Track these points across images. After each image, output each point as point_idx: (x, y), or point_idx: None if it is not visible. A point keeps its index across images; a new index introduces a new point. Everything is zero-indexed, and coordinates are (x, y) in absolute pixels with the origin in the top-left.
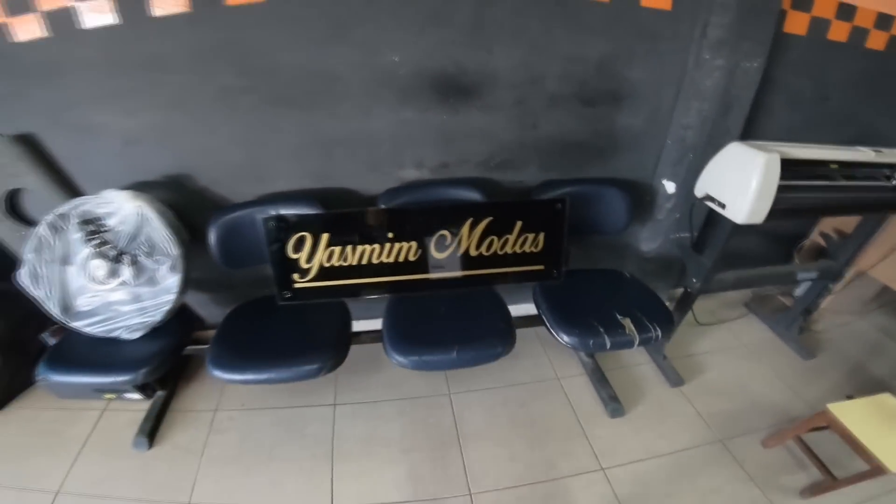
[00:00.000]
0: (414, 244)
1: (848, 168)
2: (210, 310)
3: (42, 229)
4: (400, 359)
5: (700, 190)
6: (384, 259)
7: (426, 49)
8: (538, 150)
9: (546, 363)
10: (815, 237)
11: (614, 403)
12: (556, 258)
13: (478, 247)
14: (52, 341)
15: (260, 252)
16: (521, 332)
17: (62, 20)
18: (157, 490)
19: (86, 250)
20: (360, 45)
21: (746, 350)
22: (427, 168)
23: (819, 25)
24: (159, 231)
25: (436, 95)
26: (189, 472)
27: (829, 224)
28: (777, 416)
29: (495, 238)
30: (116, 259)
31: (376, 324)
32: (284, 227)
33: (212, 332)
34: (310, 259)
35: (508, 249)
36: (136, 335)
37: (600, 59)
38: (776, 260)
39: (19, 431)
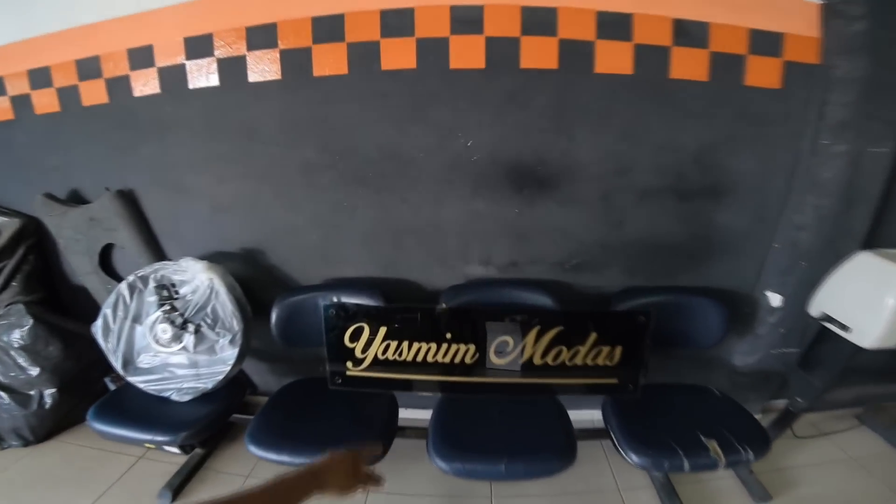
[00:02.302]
0: (472, 347)
1: None
2: (265, 377)
3: (122, 287)
4: (441, 464)
5: (816, 308)
6: (440, 359)
7: (501, 134)
8: (623, 252)
9: (607, 471)
10: None
11: None
12: (633, 373)
13: (543, 356)
14: (112, 386)
15: (318, 335)
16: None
17: (174, 77)
18: None
19: (156, 313)
20: (436, 126)
21: (854, 463)
22: (494, 266)
23: None
24: (225, 306)
25: (510, 185)
26: None
27: None
28: None
29: (564, 349)
30: (182, 326)
31: (425, 414)
32: (344, 316)
33: (262, 398)
34: (365, 349)
35: (578, 361)
36: (186, 398)
37: (699, 147)
38: None
39: (57, 463)
